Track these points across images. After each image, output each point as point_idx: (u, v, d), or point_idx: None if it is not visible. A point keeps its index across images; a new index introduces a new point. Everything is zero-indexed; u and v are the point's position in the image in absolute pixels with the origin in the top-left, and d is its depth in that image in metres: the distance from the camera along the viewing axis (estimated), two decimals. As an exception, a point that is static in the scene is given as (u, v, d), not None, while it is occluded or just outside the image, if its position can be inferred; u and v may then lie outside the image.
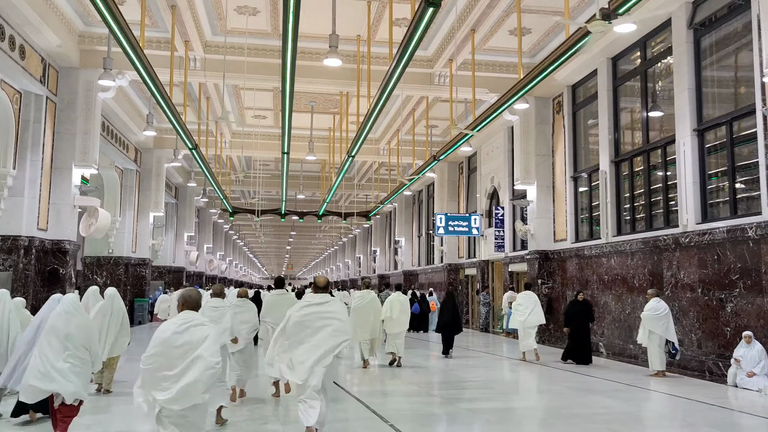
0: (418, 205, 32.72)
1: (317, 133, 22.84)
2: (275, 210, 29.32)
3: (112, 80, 13.27)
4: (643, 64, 12.97)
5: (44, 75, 13.92)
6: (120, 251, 21.46)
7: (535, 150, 16.81)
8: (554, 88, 16.27)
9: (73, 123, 14.86)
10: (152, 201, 23.33)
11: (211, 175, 20.10)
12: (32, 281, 13.57)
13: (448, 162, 25.12)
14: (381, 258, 41.15)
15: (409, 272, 32.71)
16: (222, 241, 47.50)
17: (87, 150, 14.95)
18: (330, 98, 20.18)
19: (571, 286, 15.33)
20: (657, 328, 10.42)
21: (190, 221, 31.63)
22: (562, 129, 16.22)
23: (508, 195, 20.00)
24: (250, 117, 22.32)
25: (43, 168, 14.09)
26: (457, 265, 25.12)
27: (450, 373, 11.18)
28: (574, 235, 15.59)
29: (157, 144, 23.38)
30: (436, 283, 27.63)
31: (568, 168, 15.88)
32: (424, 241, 31.06)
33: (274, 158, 27.49)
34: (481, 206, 22.55)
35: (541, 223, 16.60)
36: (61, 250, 14.42)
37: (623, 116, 13.95)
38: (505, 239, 19.86)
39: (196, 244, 35.83)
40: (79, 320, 6.00)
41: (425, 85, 16.53)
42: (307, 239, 61.74)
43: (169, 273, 29.77)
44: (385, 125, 22.67)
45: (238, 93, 19.53)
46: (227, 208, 27.79)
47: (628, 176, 13.45)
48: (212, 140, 22.67)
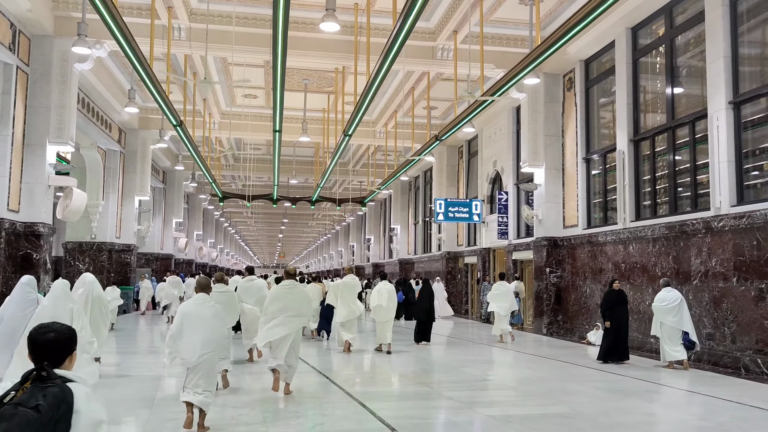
0: (414, 191, 31.68)
1: (311, 114, 21.73)
2: (267, 195, 28.19)
3: (88, 47, 12.10)
4: (668, 33, 11.94)
5: (14, 42, 12.74)
6: (103, 236, 20.32)
7: (543, 130, 15.78)
8: (565, 63, 15.23)
9: (47, 96, 13.69)
10: (138, 184, 22.17)
11: (199, 157, 18.97)
12: (2, 266, 12.47)
13: (447, 146, 24.09)
14: (375, 246, 40.14)
15: (405, 261, 31.72)
16: (213, 229, 46.34)
17: (62, 126, 13.80)
18: (324, 75, 19.05)
19: (582, 275, 14.38)
20: (668, 319, 9.92)
21: (178, 207, 30.47)
22: (574, 107, 15.19)
23: (513, 179, 19.00)
24: (240, 96, 21.17)
25: (14, 144, 12.94)
26: (456, 253, 24.15)
27: (461, 371, 10.19)
28: (586, 220, 14.61)
29: (142, 124, 22.19)
30: (434, 271, 26.65)
31: (580, 149, 14.87)
32: (421, 228, 30.06)
33: (265, 141, 26.34)
34: (483, 191, 21.55)
35: (550, 208, 15.61)
36: (35, 233, 13.30)
37: (643, 91, 12.92)
38: (509, 226, 18.87)
39: (186, 230, 34.67)
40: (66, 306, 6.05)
41: (427, 59, 15.44)
42: (300, 227, 60.66)
43: (157, 260, 28.65)
44: (383, 106, 21.57)
45: (227, 69, 18.37)
46: (217, 192, 26.65)
47: (649, 156, 12.45)
48: (200, 121, 21.52)
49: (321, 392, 8.03)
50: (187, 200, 35.60)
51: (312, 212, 48.00)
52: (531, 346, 13.52)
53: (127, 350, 12.55)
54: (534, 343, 14.11)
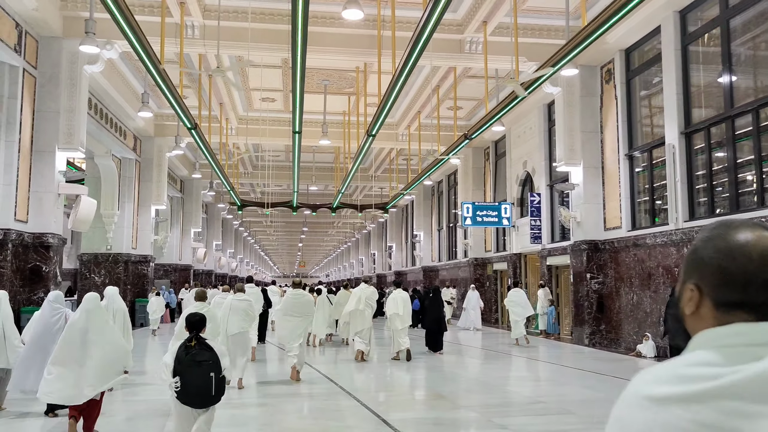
0: (437, 196, 30.73)
1: (330, 118, 20.91)
2: (286, 203, 27.41)
3: (96, 47, 11.38)
4: (724, 14, 10.90)
5: (20, 43, 12.08)
6: (119, 247, 19.65)
7: (580, 126, 14.77)
8: (603, 53, 14.23)
9: (56, 100, 13.02)
10: (154, 193, 21.49)
11: (216, 163, 18.22)
12: (9, 280, 11.74)
13: (473, 147, 23.12)
14: (397, 254, 39.19)
15: (429, 268, 30.74)
16: (232, 239, 45.73)
17: (72, 131, 13.11)
18: (345, 75, 18.24)
19: (628, 281, 13.30)
20: None
21: (197, 216, 29.83)
22: (613, 100, 14.17)
23: (545, 180, 17.98)
24: (257, 100, 20.44)
25: (21, 150, 12.26)
26: (483, 259, 23.12)
27: (506, 391, 9.20)
28: (631, 221, 13.55)
29: (157, 131, 21.55)
30: (460, 279, 25.66)
31: (622, 145, 13.83)
32: (445, 234, 29.08)
33: (284, 147, 25.60)
34: (512, 194, 20.54)
35: (589, 210, 14.57)
36: (44, 244, 12.59)
37: (694, 80, 11.87)
38: (543, 229, 17.84)
39: (204, 241, 34.05)
40: (99, 318, 6.17)
41: (454, 53, 14.54)
42: (320, 236, 59.94)
43: (175, 271, 28.00)
44: (405, 107, 20.69)
45: (243, 70, 17.62)
46: (235, 201, 25.91)
47: (704, 149, 11.38)
48: (217, 127, 20.82)
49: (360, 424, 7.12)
50: (206, 210, 35.01)
51: (332, 220, 47.23)
52: (575, 359, 12.49)
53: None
54: (577, 355, 13.06)
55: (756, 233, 0.98)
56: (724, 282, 0.97)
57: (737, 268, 0.96)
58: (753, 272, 0.95)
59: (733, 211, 10.46)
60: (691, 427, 0.87)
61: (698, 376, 0.90)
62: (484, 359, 13.60)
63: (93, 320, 6.02)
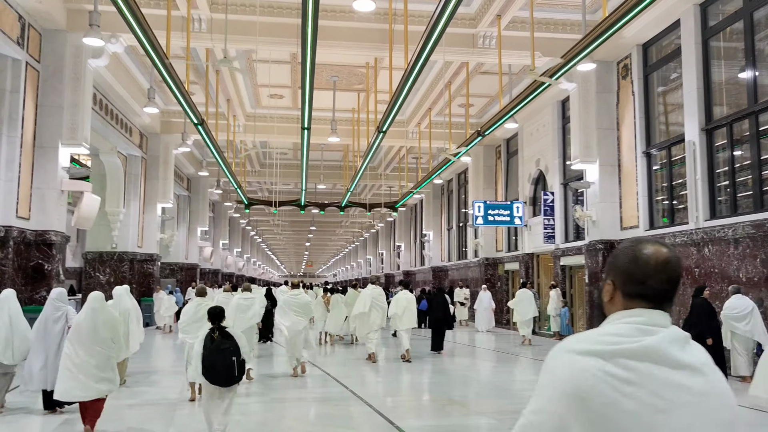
0: (447, 195, 30.36)
1: (339, 115, 20.57)
2: (294, 201, 27.10)
3: (101, 39, 11.09)
4: (747, 6, 10.48)
5: (23, 36, 11.81)
6: (125, 246, 19.40)
7: (596, 123, 14.37)
8: (620, 48, 13.82)
9: (59, 95, 12.75)
10: (160, 191, 21.23)
11: (223, 160, 17.93)
12: (10, 278, 11.46)
13: (484, 145, 22.73)
14: (406, 254, 38.85)
15: (439, 268, 30.38)
16: (239, 238, 45.51)
17: (76, 126, 12.84)
18: (354, 71, 17.90)
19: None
20: (739, 328, 9.22)
21: (203, 215, 29.57)
22: (630, 97, 13.76)
23: (559, 178, 17.58)
24: (265, 97, 20.14)
25: (23, 146, 11.99)
26: (495, 259, 22.73)
27: (527, 397, 8.84)
28: (648, 220, 13.14)
29: (164, 128, 21.29)
30: (470, 279, 25.28)
31: (639, 142, 13.42)
32: (455, 234, 28.71)
33: (292, 145, 25.30)
34: (524, 193, 20.15)
35: (605, 208, 14.17)
36: (46, 242, 12.32)
37: (715, 75, 11.45)
38: (556, 229, 17.44)
39: (211, 239, 33.80)
40: (105, 316, 6.29)
41: (467, 48, 14.17)
42: (327, 235, 59.63)
43: (182, 270, 27.76)
44: (416, 104, 20.33)
45: (251, 66, 17.33)
46: (242, 199, 25.62)
47: (726, 146, 10.97)
48: (224, 124, 20.53)
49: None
50: (213, 208, 34.77)
51: (339, 220, 46.92)
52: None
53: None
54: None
55: (655, 248, 1.40)
56: (630, 280, 1.39)
57: (639, 271, 1.38)
58: (649, 274, 1.37)
59: (756, 210, 10.05)
60: (598, 373, 1.28)
61: (607, 341, 1.32)
62: (496, 361, 13.23)
63: (99, 319, 6.16)
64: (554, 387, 1.33)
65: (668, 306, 1.40)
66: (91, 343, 6.06)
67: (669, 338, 1.33)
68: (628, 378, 1.27)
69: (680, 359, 1.31)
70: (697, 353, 1.36)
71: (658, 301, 1.38)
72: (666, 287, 1.39)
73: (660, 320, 1.37)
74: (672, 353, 1.31)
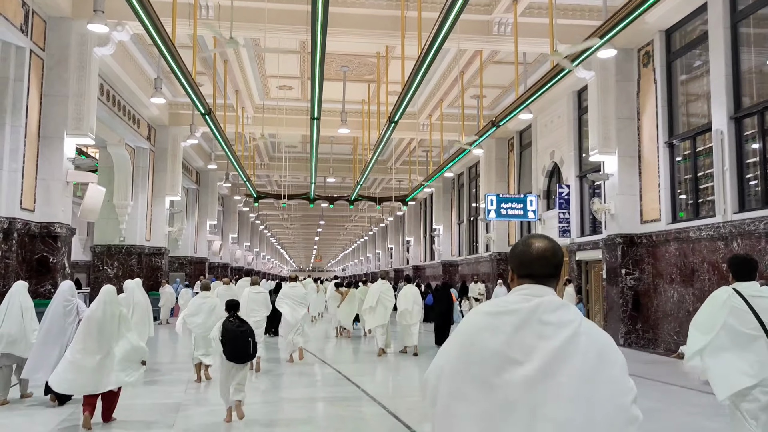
0: (458, 189, 29.93)
1: (349, 107, 20.18)
2: (303, 195, 26.77)
3: (105, 25, 10.76)
4: (780, -13, 10.01)
5: (26, 23, 11.50)
6: (132, 239, 19.15)
7: (615, 113, 13.91)
8: (641, 35, 13.35)
9: (64, 84, 12.43)
10: (168, 184, 20.95)
11: (231, 152, 17.60)
12: (14, 271, 11.18)
13: (496, 138, 22.28)
14: (415, 248, 38.48)
15: (449, 263, 29.99)
16: (248, 232, 45.26)
17: (81, 116, 12.52)
18: (365, 61, 17.51)
19: (668, 277, 12.46)
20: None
21: (212, 209, 29.32)
22: (652, 85, 13.30)
23: (575, 171, 17.14)
24: (274, 88, 19.79)
25: (27, 136, 11.69)
26: (507, 254, 22.30)
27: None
28: (671, 214, 12.70)
29: (172, 120, 20.99)
30: (482, 274, 24.87)
31: (662, 132, 12.96)
32: (466, 228, 28.29)
33: (301, 137, 24.96)
34: (538, 186, 19.71)
35: (624, 201, 13.73)
36: (51, 234, 12.03)
37: (745, 62, 10.98)
38: (572, 222, 17.02)
39: (220, 233, 33.56)
40: (114, 310, 6.34)
41: (482, 35, 13.74)
42: (336, 230, 59.38)
43: (190, 264, 27.54)
44: (427, 95, 19.91)
45: (260, 57, 16.97)
46: (251, 192, 25.31)
47: (757, 135, 10.51)
48: (232, 116, 20.20)
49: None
50: (222, 202, 34.52)
51: (348, 214, 46.60)
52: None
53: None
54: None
55: (538, 242, 1.92)
56: (520, 265, 1.92)
57: (526, 258, 1.90)
58: (532, 259, 1.88)
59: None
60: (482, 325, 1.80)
61: (500, 305, 1.84)
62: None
63: (109, 312, 6.27)
64: (455, 336, 1.89)
65: (552, 282, 1.89)
66: (100, 336, 6.15)
67: (543, 304, 1.80)
68: (502, 329, 1.78)
69: (548, 319, 1.77)
70: (566, 315, 1.79)
71: (542, 279, 1.87)
72: (547, 270, 1.88)
73: (541, 292, 1.84)
74: (541, 314, 1.78)
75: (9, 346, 7.12)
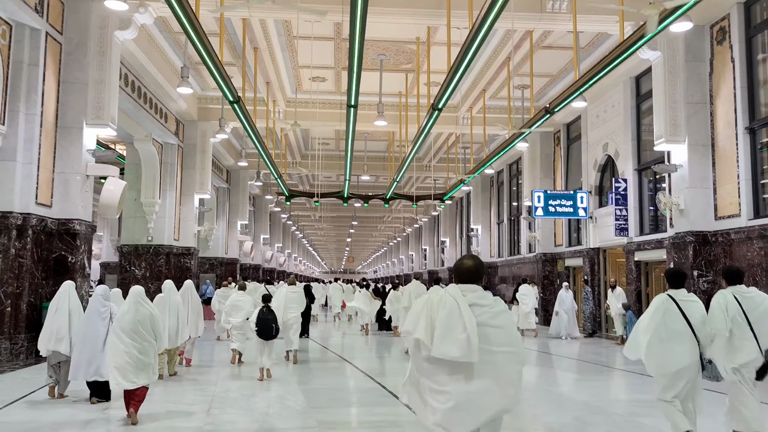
0: (497, 187, 28.58)
1: (385, 100, 19.05)
2: (337, 193, 25.75)
3: (124, 2, 9.84)
4: None
5: (42, 3, 10.66)
6: (161, 239, 18.33)
7: (684, 97, 12.50)
8: (714, 8, 11.94)
9: (84, 70, 11.58)
10: (197, 181, 20.10)
11: (261, 144, 16.64)
12: (29, 271, 10.34)
13: (540, 132, 20.85)
14: (451, 249, 37.19)
15: (488, 264, 28.62)
16: (280, 233, 44.50)
17: (102, 105, 11.65)
18: (403, 48, 16.38)
19: (751, 279, 10.99)
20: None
21: (243, 208, 28.49)
22: (728, 64, 11.87)
23: (632, 164, 15.73)
24: (306, 80, 18.79)
25: (44, 126, 10.85)
26: (554, 254, 20.94)
27: (638, 423, 7.20)
28: (753, 208, 11.25)
29: (201, 115, 20.15)
30: (524, 276, 23.50)
31: (741, 117, 11.53)
32: (506, 228, 26.93)
33: (334, 133, 23.95)
34: (589, 181, 18.30)
35: (696, 195, 12.31)
36: (69, 231, 11.17)
37: None
38: (630, 220, 15.60)
39: (252, 234, 32.77)
40: (145, 310, 6.68)
41: (534, 12, 12.48)
42: (369, 231, 58.39)
43: (221, 265, 26.73)
44: (468, 85, 18.65)
45: (292, 44, 15.97)
46: (283, 190, 24.39)
47: None
48: (263, 111, 19.26)
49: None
50: (254, 202, 33.75)
51: (381, 215, 45.53)
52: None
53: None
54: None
55: (467, 259, 3.61)
56: (457, 274, 3.56)
57: (458, 269, 3.57)
58: (462, 271, 3.55)
59: None
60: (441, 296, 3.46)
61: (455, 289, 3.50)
62: (553, 367, 11.55)
63: (140, 312, 6.59)
64: (426, 299, 3.49)
65: (478, 282, 3.53)
66: (135, 334, 6.49)
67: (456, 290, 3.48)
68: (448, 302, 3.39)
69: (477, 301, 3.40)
70: (489, 299, 3.45)
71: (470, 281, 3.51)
72: (472, 277, 3.52)
73: (472, 288, 3.48)
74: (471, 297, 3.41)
75: (57, 343, 7.52)
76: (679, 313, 5.33)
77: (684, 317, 5.31)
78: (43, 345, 7.61)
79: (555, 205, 17.96)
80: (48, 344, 7.55)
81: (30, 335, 10.27)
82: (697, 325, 5.34)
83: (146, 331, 6.60)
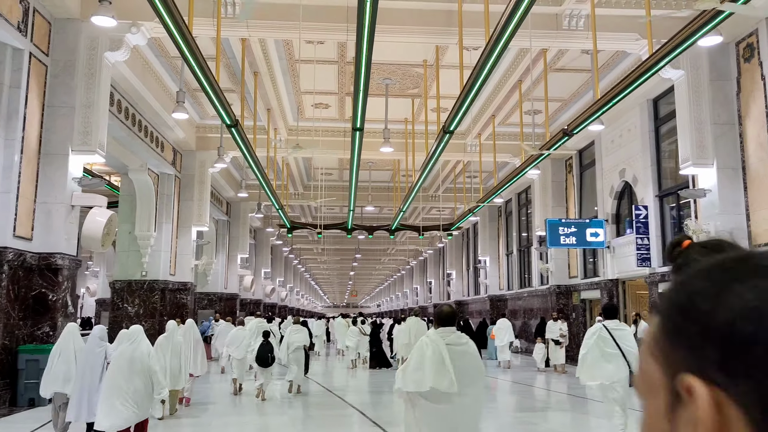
0: (505, 217, 27.73)
1: (391, 126, 18.32)
2: (340, 224, 24.88)
3: (112, 18, 9.15)
4: None
5: (25, 22, 9.98)
6: (155, 273, 17.41)
7: (711, 118, 11.73)
8: (740, 25, 11.23)
9: (71, 93, 10.85)
10: (195, 213, 19.28)
11: (261, 173, 15.85)
12: (3, 310, 9.42)
13: (551, 159, 20.11)
14: (457, 282, 36.17)
15: (497, 297, 27.62)
16: (281, 267, 43.50)
17: (89, 130, 10.89)
18: (410, 72, 15.74)
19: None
20: None
21: (243, 241, 27.58)
22: (758, 83, 11.11)
23: (653, 190, 14.89)
24: (309, 107, 18.12)
25: (25, 152, 10.06)
26: (568, 287, 19.95)
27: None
28: (793, 234, 10.37)
29: (199, 145, 19.44)
30: (536, 309, 22.48)
31: (775, 136, 10.72)
32: (516, 259, 25.97)
33: (337, 162, 23.22)
34: (605, 209, 17.44)
35: (728, 221, 11.41)
36: (51, 267, 10.29)
37: None
38: (652, 249, 14.69)
39: (252, 268, 31.82)
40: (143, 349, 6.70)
41: (550, 30, 11.80)
42: (372, 264, 57.35)
43: (221, 300, 25.73)
44: (476, 110, 17.94)
45: (293, 68, 15.31)
46: (284, 222, 23.55)
47: None
48: (263, 140, 18.54)
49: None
50: (254, 235, 32.87)
51: (385, 247, 44.60)
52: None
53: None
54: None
55: (446, 306, 4.80)
56: (439, 320, 4.68)
57: (439, 316, 4.69)
58: (443, 317, 4.66)
59: None
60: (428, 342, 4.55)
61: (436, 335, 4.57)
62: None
63: (138, 352, 6.60)
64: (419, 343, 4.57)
65: (454, 324, 4.69)
66: (130, 373, 6.45)
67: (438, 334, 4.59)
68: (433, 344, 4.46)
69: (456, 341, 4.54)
70: (464, 339, 4.63)
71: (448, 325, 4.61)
72: (449, 322, 4.62)
73: (450, 330, 4.58)
74: (450, 338, 4.54)
75: (64, 384, 7.43)
76: (610, 338, 6.77)
77: (614, 342, 6.75)
78: (48, 387, 7.48)
79: (568, 233, 17.06)
80: (54, 386, 7.44)
81: (3, 382, 9.31)
82: (626, 348, 6.67)
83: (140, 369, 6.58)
